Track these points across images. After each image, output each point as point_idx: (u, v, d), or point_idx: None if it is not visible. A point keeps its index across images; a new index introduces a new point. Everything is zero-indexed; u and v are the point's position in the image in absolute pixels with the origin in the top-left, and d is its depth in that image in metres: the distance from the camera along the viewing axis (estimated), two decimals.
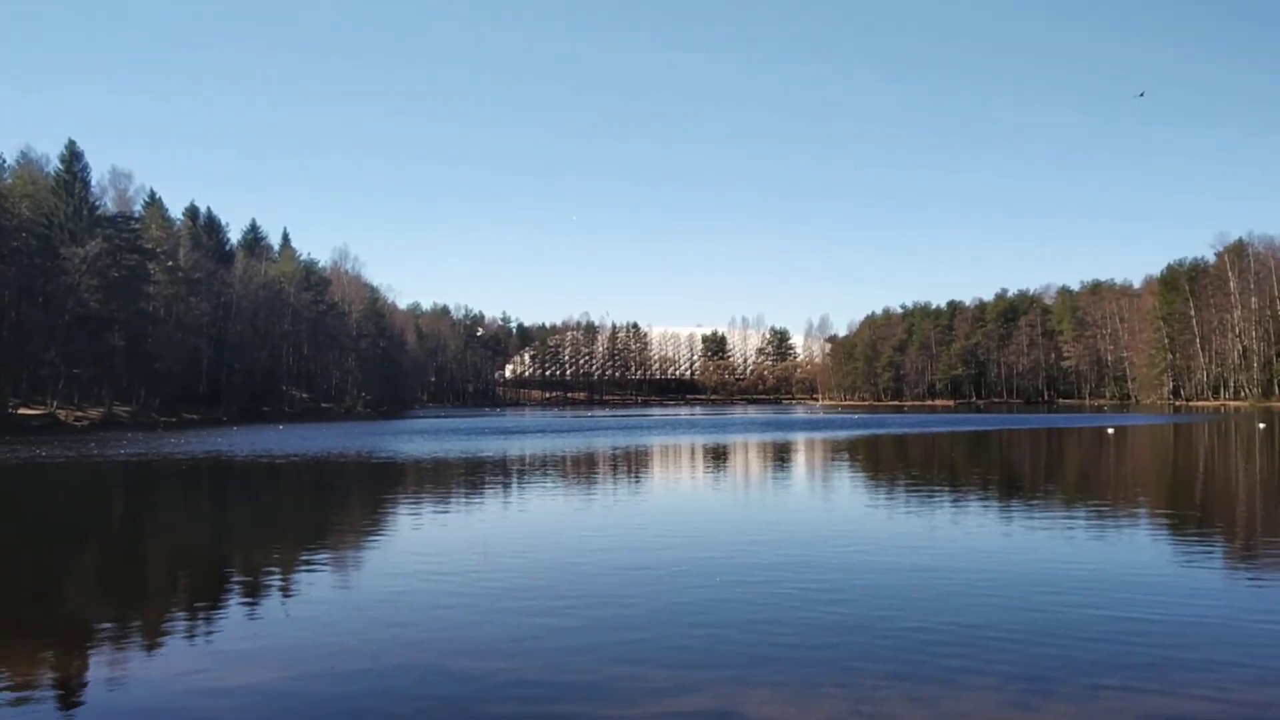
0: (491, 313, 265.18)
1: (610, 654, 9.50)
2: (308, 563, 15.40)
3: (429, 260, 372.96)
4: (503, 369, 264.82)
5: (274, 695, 8.46)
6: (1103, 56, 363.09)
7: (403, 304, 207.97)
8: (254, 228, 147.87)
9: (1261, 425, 66.46)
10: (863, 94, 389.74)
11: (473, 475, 31.46)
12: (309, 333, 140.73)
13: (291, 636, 10.47)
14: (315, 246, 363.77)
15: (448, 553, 15.78)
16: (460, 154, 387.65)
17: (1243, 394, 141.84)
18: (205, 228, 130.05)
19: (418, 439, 55.81)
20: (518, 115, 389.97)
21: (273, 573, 14.82)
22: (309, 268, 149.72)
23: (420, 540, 17.53)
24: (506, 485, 28.35)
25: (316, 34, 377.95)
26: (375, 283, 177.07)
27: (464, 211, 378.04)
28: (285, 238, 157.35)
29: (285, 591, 13.12)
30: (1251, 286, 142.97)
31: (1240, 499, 23.83)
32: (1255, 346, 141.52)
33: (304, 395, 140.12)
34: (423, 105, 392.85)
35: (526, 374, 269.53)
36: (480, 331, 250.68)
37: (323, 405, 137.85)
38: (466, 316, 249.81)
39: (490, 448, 46.32)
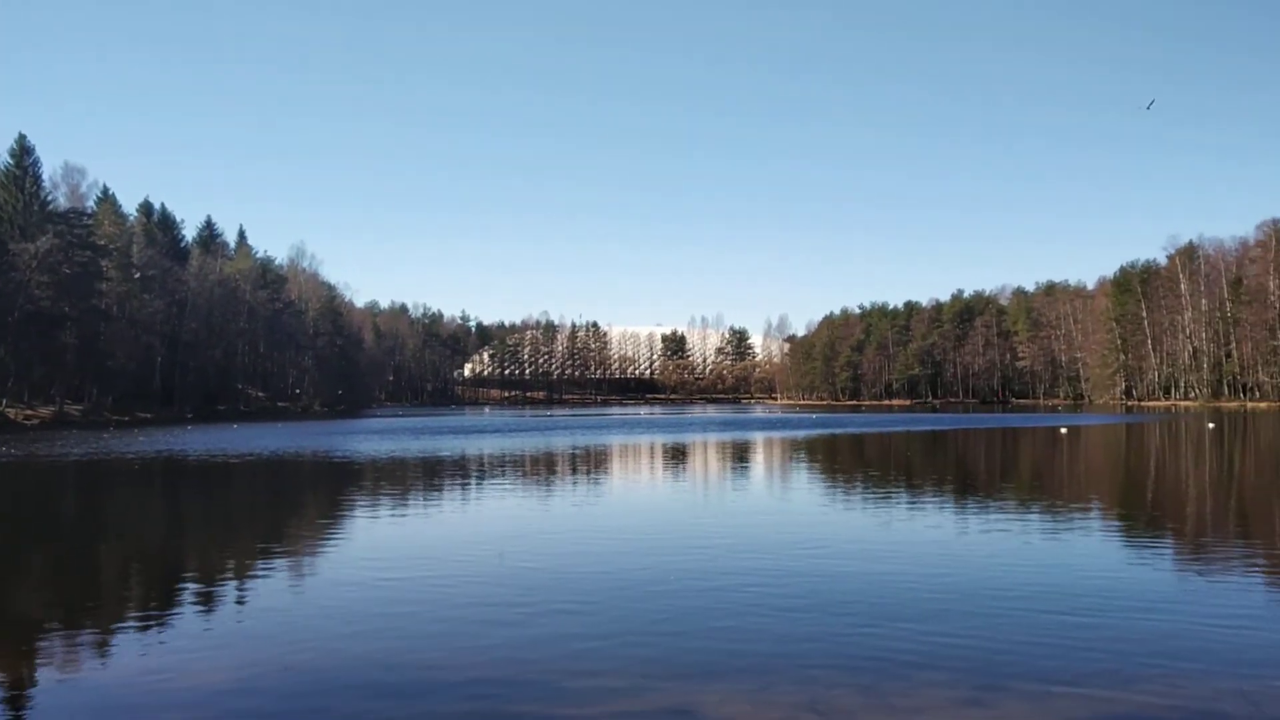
0: (450, 311, 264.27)
1: (566, 655, 9.48)
2: (263, 564, 15.22)
3: (387, 259, 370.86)
4: (461, 368, 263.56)
5: (227, 696, 8.36)
6: (1061, 58, 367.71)
7: (360, 302, 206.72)
8: (209, 225, 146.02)
9: (1211, 425, 67.59)
10: (820, 95, 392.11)
11: (430, 476, 31.29)
12: (265, 331, 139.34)
13: (246, 638, 10.36)
14: (272, 244, 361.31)
15: (403, 555, 15.68)
16: (419, 153, 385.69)
17: (1193, 394, 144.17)
18: (159, 224, 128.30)
19: (375, 438, 55.42)
20: (474, 116, 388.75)
21: (227, 574, 14.67)
22: (265, 265, 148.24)
23: (376, 542, 17.41)
24: (464, 486, 28.21)
25: (271, 33, 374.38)
26: (333, 281, 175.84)
27: (423, 210, 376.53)
28: (241, 235, 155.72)
29: (240, 593, 12.99)
30: (1201, 288, 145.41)
31: (1190, 498, 24.21)
32: (1205, 347, 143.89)
33: (260, 394, 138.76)
34: (379, 105, 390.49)
35: (485, 373, 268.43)
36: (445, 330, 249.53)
37: (279, 404, 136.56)
38: (425, 315, 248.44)
39: (448, 447, 46.09)
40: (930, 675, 8.64)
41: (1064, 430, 60.72)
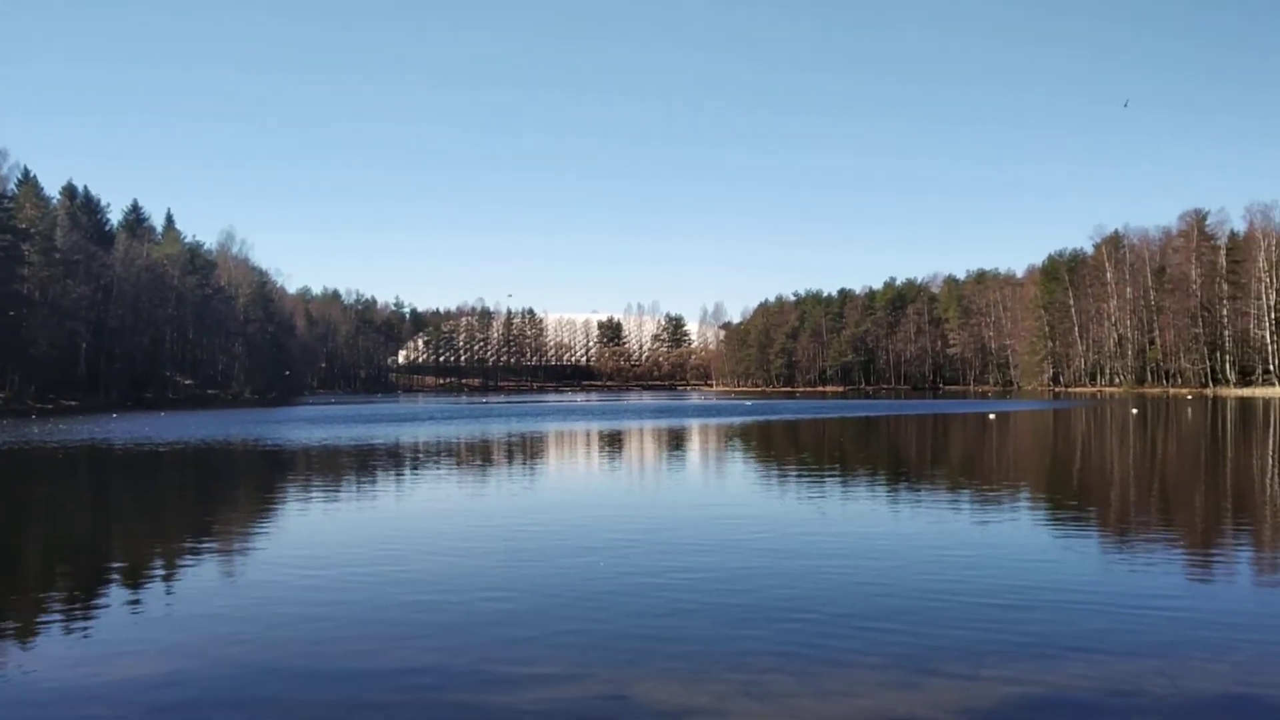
0: (384, 298, 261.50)
1: (500, 644, 9.46)
2: (191, 555, 14.98)
3: (320, 245, 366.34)
4: (396, 355, 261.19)
5: (155, 688, 8.23)
6: (994, 45, 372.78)
7: (292, 288, 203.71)
8: (136, 209, 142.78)
9: (1134, 410, 69.19)
10: (755, 83, 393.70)
11: (363, 464, 30.98)
12: (194, 317, 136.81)
13: (173, 630, 10.19)
14: (201, 229, 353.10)
15: (335, 545, 15.55)
16: (352, 138, 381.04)
17: (1117, 380, 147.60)
18: (83, 208, 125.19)
19: (307, 426, 54.71)
20: (407, 103, 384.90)
21: (154, 566, 14.40)
22: (194, 250, 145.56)
23: (307, 532, 17.20)
24: (398, 475, 27.98)
25: (200, 15, 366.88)
26: (264, 267, 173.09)
27: (356, 196, 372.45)
28: (169, 219, 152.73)
29: (167, 585, 12.76)
30: (1126, 277, 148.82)
31: (1115, 483, 24.76)
32: (1130, 334, 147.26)
33: (189, 381, 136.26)
34: (311, 91, 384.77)
35: (420, 360, 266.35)
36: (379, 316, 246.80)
37: (208, 392, 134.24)
38: (358, 302, 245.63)
39: (382, 435, 45.66)
40: (863, 660, 8.77)
41: (992, 416, 61.75)
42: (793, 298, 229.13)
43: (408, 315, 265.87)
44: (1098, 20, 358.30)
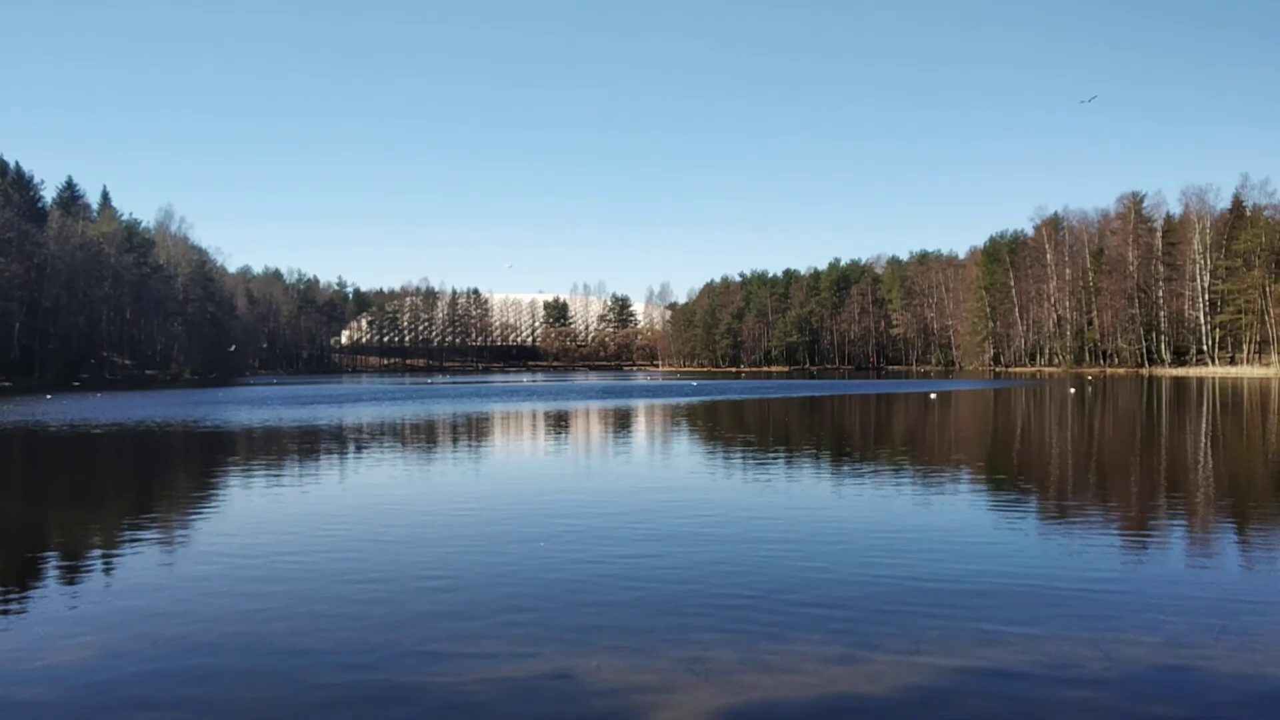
0: (327, 277, 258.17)
1: (444, 626, 9.44)
2: (130, 539, 14.71)
3: (261, 223, 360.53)
4: (339, 335, 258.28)
5: (92, 673, 8.12)
6: (938, 32, 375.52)
7: (233, 267, 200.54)
8: (70, 186, 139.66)
9: (1073, 390, 70.52)
10: (698, 66, 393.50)
11: (306, 446, 30.66)
12: (131, 297, 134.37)
13: (111, 615, 10.03)
14: (139, 207, 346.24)
15: (277, 528, 15.37)
16: (294, 114, 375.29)
17: (1056, 360, 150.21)
18: (15, 184, 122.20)
19: (248, 407, 53.96)
20: (349, 78, 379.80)
21: (91, 550, 14.14)
22: (131, 228, 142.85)
23: (249, 515, 16.98)
24: (341, 457, 27.72)
25: None
26: (203, 245, 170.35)
27: (298, 174, 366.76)
28: (105, 197, 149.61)
29: (106, 569, 12.52)
30: (1066, 258, 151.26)
31: (1053, 461, 25.18)
32: (1069, 315, 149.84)
33: (126, 362, 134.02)
34: (249, 65, 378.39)
35: (364, 340, 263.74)
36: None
37: (147, 372, 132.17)
38: (300, 281, 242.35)
39: (325, 416, 45.21)
40: (805, 635, 8.87)
41: (934, 396, 62.53)
42: (738, 278, 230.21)
43: (351, 295, 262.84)
44: (1038, 3, 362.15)
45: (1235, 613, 9.63)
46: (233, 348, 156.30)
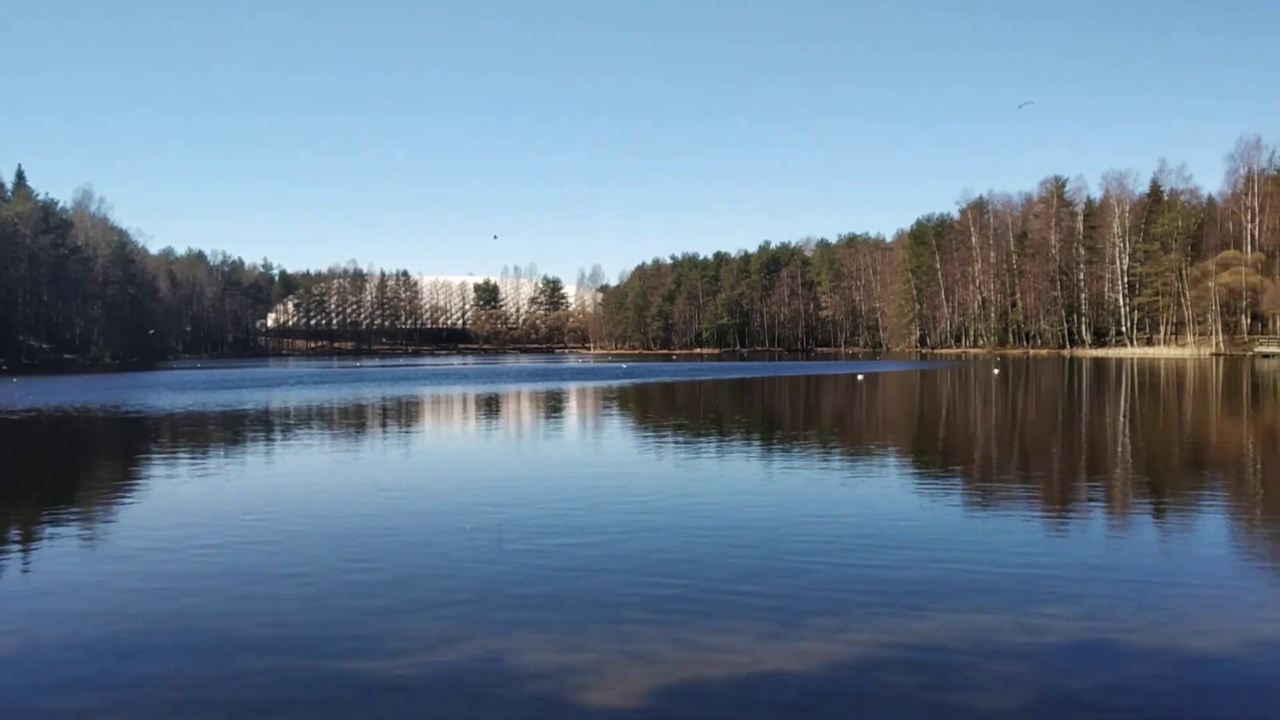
0: (252, 259, 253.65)
1: (374, 612, 9.37)
2: (49, 530, 14.36)
3: (184, 204, 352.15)
4: (265, 318, 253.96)
5: (11, 664, 7.93)
6: (866, 15, 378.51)
7: (155, 249, 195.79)
8: None
9: (996, 371, 71.90)
10: (629, 50, 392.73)
11: (232, 431, 30.17)
12: (49, 279, 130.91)
13: (30, 608, 9.79)
14: (56, 187, 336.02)
15: (200, 516, 15.11)
16: (217, 91, 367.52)
17: (981, 342, 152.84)
18: None
19: (171, 392, 52.88)
20: (275, 54, 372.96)
21: (9, 541, 13.77)
22: (48, 208, 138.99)
23: (172, 503, 16.67)
24: (269, 441, 27.31)
25: None
26: (124, 226, 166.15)
27: (221, 153, 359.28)
28: (20, 176, 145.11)
29: (24, 561, 12.20)
30: (990, 241, 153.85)
31: (978, 441, 25.67)
32: (993, 298, 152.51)
33: (44, 346, 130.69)
34: (170, 41, 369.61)
35: (291, 323, 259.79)
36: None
37: (65, 357, 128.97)
38: (225, 263, 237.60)
39: (251, 400, 44.49)
40: (735, 616, 8.95)
41: (861, 378, 63.34)
42: (670, 261, 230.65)
43: (277, 277, 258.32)
44: None
45: (1151, 587, 9.91)
46: (153, 331, 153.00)
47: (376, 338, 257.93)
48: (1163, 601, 9.39)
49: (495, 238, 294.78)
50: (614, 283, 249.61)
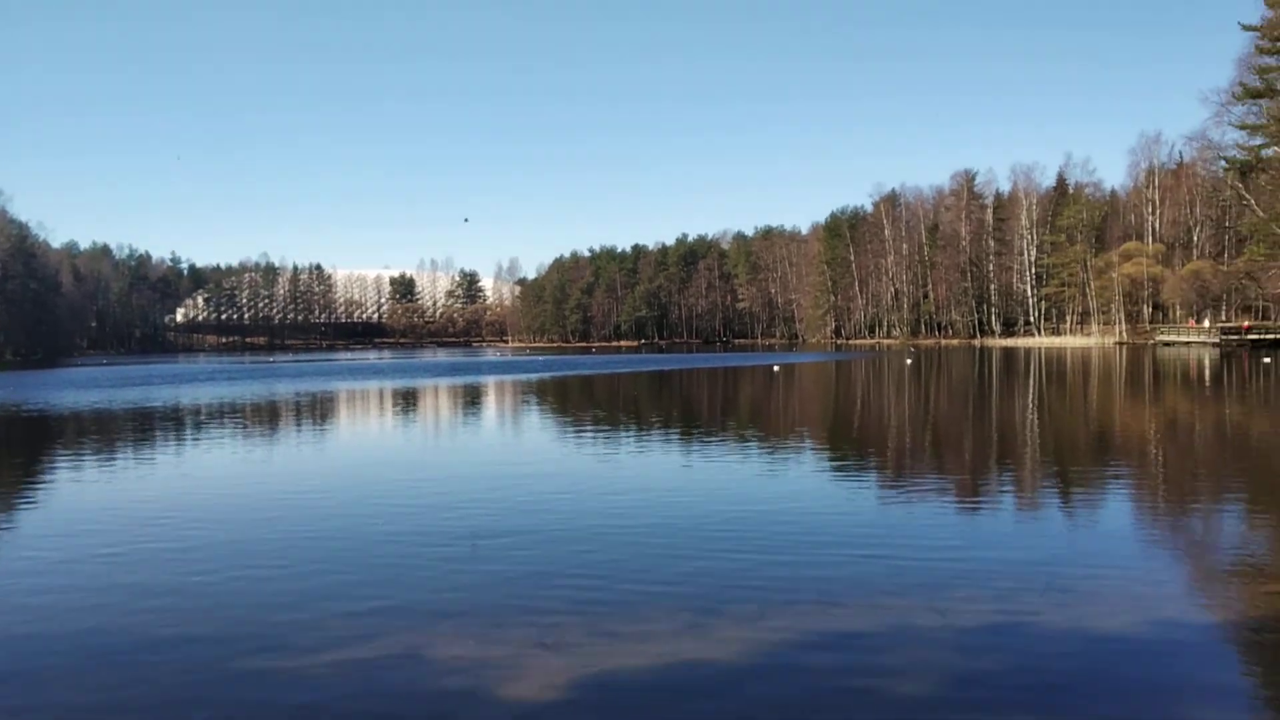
0: (160, 253, 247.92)
1: (284, 611, 9.22)
2: None
3: (87, 195, 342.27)
4: (173, 313, 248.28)
5: None
6: (784, 18, 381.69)
7: (57, 243, 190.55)
8: None
9: (909, 361, 73.16)
10: (552, 38, 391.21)
11: (139, 429, 29.43)
12: None
13: None
14: None
15: (106, 520, 14.72)
16: (120, 81, 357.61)
17: (894, 332, 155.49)
18: None
19: (76, 389, 51.43)
20: (181, 42, 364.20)
21: None
22: None
23: (74, 506, 16.20)
24: (179, 439, 26.70)
25: None
26: (24, 219, 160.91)
27: (127, 143, 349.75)
28: None
29: None
30: (903, 233, 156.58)
31: (891, 430, 26.06)
32: (906, 289, 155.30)
33: None
34: (72, 27, 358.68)
35: (200, 318, 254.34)
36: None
37: None
38: (131, 257, 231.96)
39: (160, 397, 43.46)
40: (654, 608, 8.97)
41: (777, 369, 64.00)
42: (588, 253, 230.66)
43: (186, 271, 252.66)
44: None
45: (1059, 570, 10.17)
46: (14, 343, 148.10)
47: (290, 332, 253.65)
48: (1069, 583, 9.64)
49: (466, 220, 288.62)
50: (532, 275, 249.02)
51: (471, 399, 41.61)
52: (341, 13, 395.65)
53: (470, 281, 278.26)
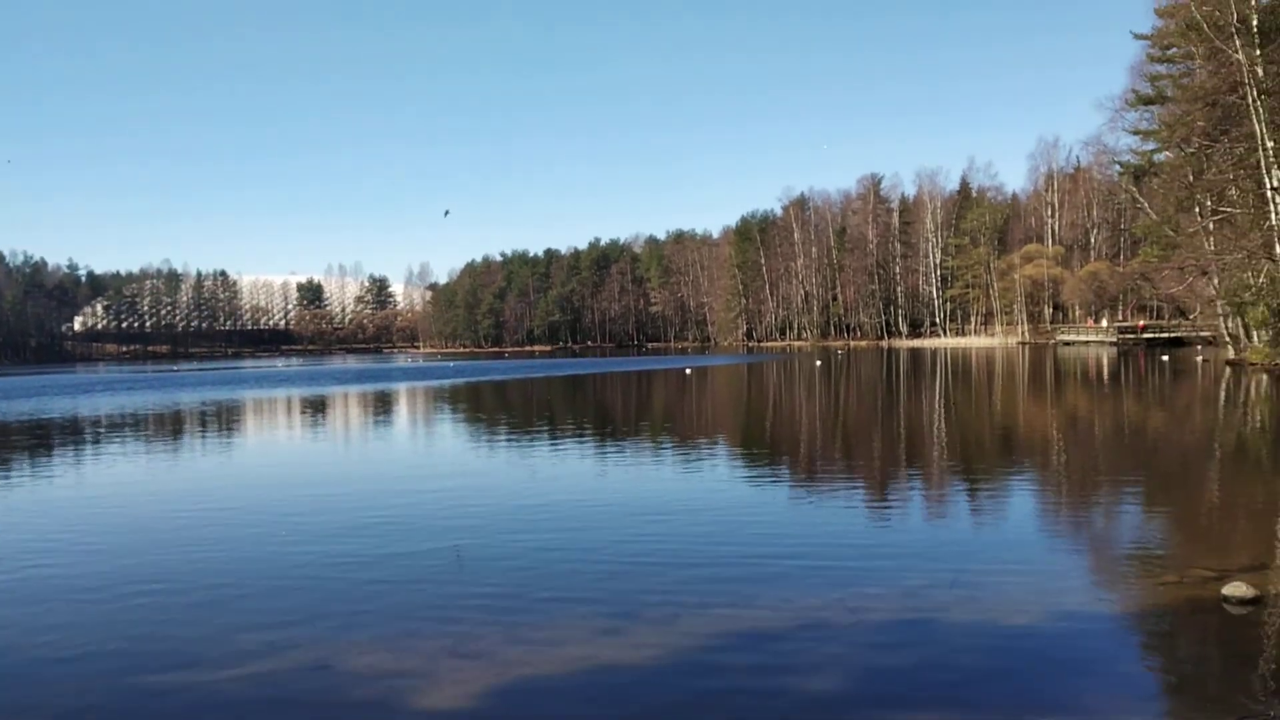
0: (56, 259, 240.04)
1: (191, 625, 9.02)
2: None
3: None
4: (71, 322, 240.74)
5: None
6: (684, 19, 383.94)
7: None
8: None
9: (819, 362, 74.18)
10: (453, 42, 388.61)
11: (33, 442, 28.49)
12: None
13: None
14: None
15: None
16: (17, 83, 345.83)
17: (804, 334, 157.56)
18: None
19: None
20: (78, 39, 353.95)
21: None
22: None
23: None
24: (77, 452, 25.91)
25: None
26: None
27: (20, 145, 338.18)
28: None
29: None
30: (812, 237, 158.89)
31: (803, 432, 26.39)
32: (815, 291, 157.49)
33: None
34: None
35: (100, 327, 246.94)
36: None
37: None
38: (26, 263, 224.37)
39: (57, 408, 42.13)
40: (569, 613, 8.97)
41: (689, 372, 64.41)
42: (500, 258, 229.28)
43: (84, 278, 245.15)
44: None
45: (966, 566, 10.40)
46: None
47: (194, 340, 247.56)
48: (975, 579, 9.87)
49: (447, 213, 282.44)
50: (443, 280, 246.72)
51: (380, 407, 41.09)
52: (246, 21, 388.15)
53: (380, 287, 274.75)
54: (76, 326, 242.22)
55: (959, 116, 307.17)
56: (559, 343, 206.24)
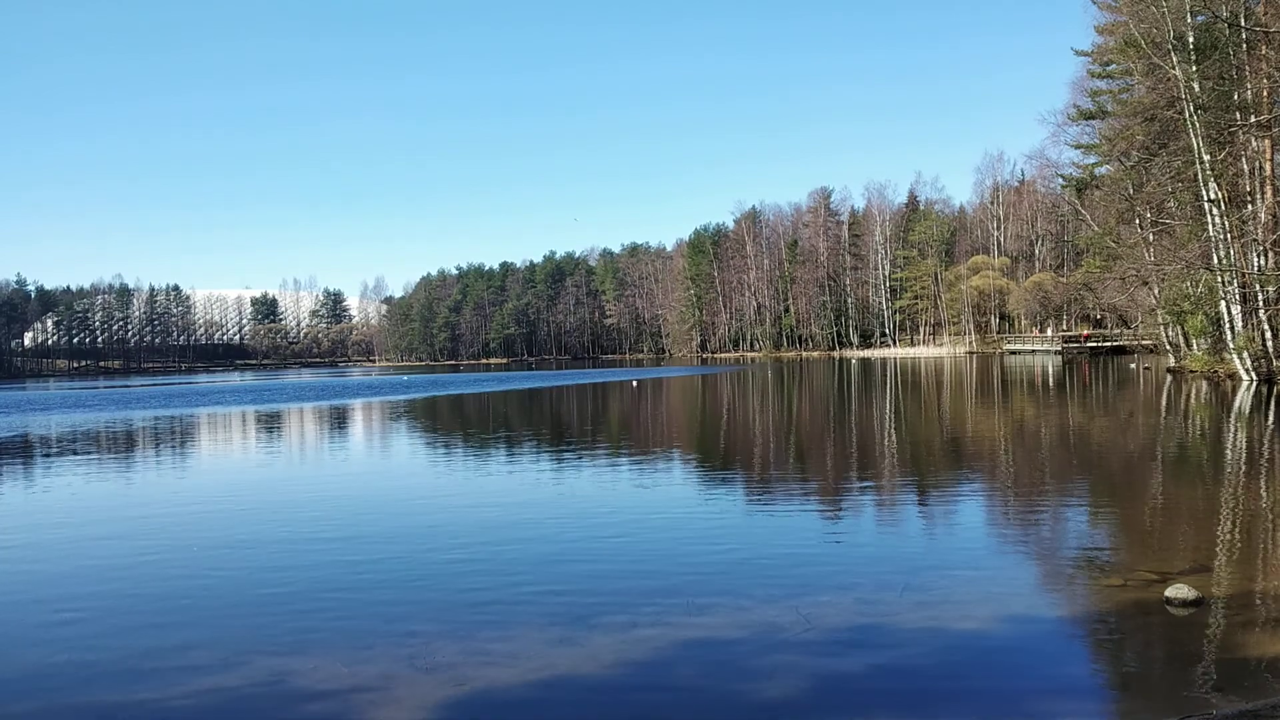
0: (4, 274, 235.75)
1: (143, 639, 8.96)
2: None
3: None
4: (21, 337, 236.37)
5: None
6: (654, 30, 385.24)
7: None
8: None
9: (770, 373, 74.61)
10: (411, 52, 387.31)
11: None
12: None
13: None
14: None
15: None
16: None
17: (758, 346, 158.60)
18: None
19: None
20: (18, 47, 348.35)
21: None
22: None
23: None
24: (26, 468, 25.53)
25: None
26: None
27: None
28: None
29: None
30: (764, 249, 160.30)
31: (757, 441, 26.58)
32: (768, 303, 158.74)
33: None
34: None
35: (50, 342, 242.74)
36: None
37: None
38: None
39: (4, 426, 41.40)
40: (525, 620, 9.04)
41: (635, 383, 64.81)
42: (455, 271, 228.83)
43: (34, 293, 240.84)
44: (732, 12, 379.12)
45: (916, 572, 10.57)
46: None
47: (147, 355, 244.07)
48: (927, 584, 10.04)
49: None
50: (398, 294, 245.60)
51: (336, 421, 40.80)
52: (202, 30, 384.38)
53: (335, 301, 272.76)
54: (26, 342, 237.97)
55: (907, 130, 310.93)
56: (514, 356, 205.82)
